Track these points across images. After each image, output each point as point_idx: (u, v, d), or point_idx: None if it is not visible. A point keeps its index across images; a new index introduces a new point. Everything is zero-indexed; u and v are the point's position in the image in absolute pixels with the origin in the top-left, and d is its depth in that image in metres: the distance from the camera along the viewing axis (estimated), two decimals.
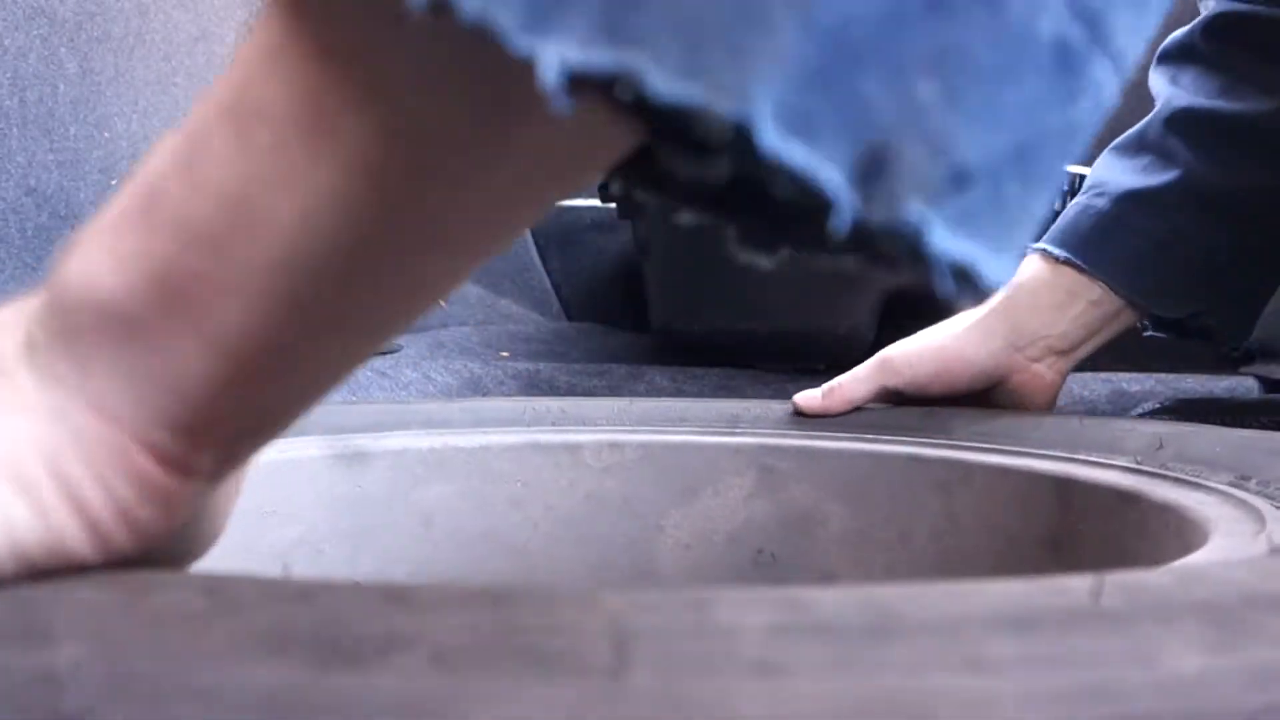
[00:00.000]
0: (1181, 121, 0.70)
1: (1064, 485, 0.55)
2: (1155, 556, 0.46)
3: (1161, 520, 0.47)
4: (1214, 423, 0.75)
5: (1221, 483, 0.47)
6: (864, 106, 0.15)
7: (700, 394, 1.11)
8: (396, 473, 0.66)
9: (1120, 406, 1.00)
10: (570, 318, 1.72)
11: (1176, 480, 0.49)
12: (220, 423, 0.20)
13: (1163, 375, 1.06)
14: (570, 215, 1.73)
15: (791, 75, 0.15)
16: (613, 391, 1.11)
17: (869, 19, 0.15)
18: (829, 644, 0.17)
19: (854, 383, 0.71)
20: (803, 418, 0.71)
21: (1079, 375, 1.04)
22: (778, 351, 1.24)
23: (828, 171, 0.15)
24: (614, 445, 0.71)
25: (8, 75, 0.97)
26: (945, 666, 0.16)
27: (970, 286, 0.16)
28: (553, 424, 0.73)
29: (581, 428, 0.72)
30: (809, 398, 0.72)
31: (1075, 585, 0.19)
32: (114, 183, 1.01)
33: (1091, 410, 1.00)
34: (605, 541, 0.70)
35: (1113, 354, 0.73)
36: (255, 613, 0.18)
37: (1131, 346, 0.77)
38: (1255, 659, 0.17)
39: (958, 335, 0.69)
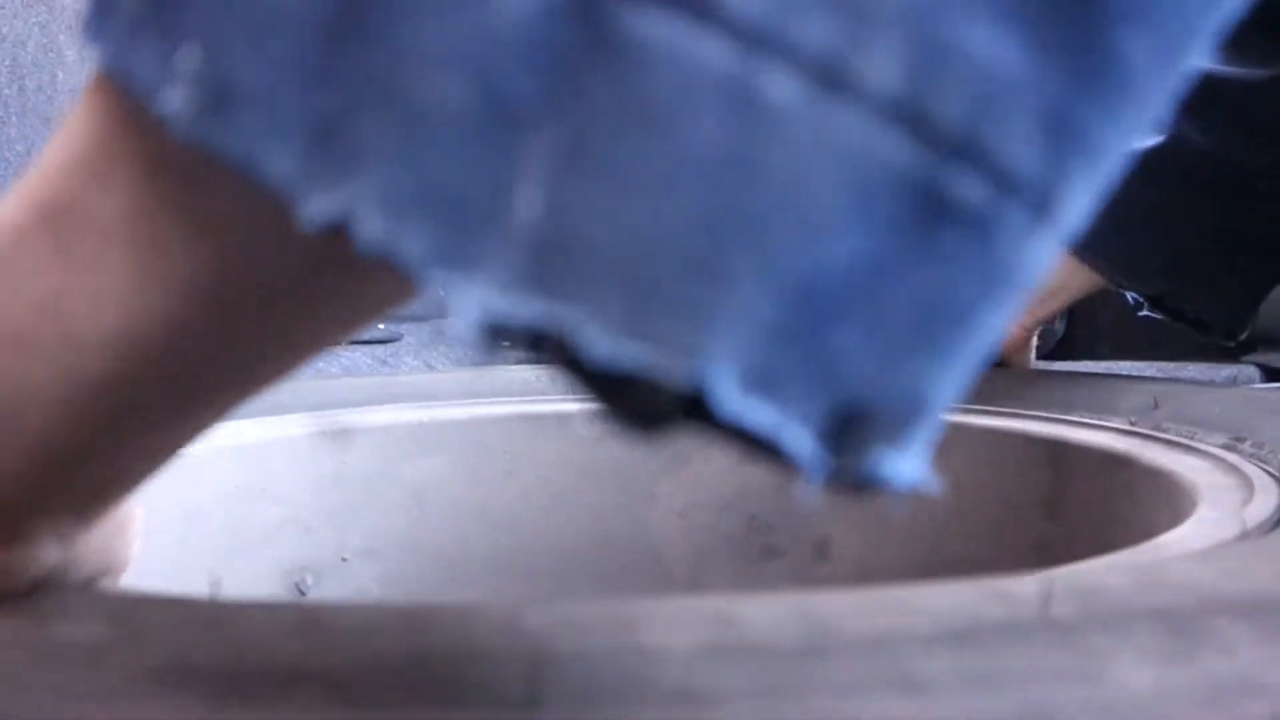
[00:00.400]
0: None
1: (1057, 448, 0.54)
2: (1146, 522, 0.45)
3: (1153, 485, 0.46)
4: None
5: (1215, 444, 0.46)
6: (838, 363, 0.13)
7: None
8: (385, 448, 0.65)
9: None
10: None
11: (1170, 443, 0.48)
12: (31, 504, 0.18)
13: (1163, 364, 1.03)
14: None
15: (754, 331, 0.13)
16: None
17: (844, 269, 0.13)
18: (759, 666, 0.16)
19: None
20: None
21: (1077, 363, 1.03)
22: None
23: (795, 431, 0.13)
24: None
25: (6, 63, 0.96)
26: (879, 688, 0.16)
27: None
28: (542, 394, 0.72)
29: (570, 397, 0.71)
30: None
31: (1025, 591, 0.18)
32: None
33: None
34: (598, 512, 0.69)
35: (1112, 343, 0.71)
36: (157, 643, 0.17)
37: (1132, 335, 0.74)
38: (1213, 671, 0.16)
39: None
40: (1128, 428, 0.52)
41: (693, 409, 0.13)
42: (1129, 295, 0.69)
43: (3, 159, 0.94)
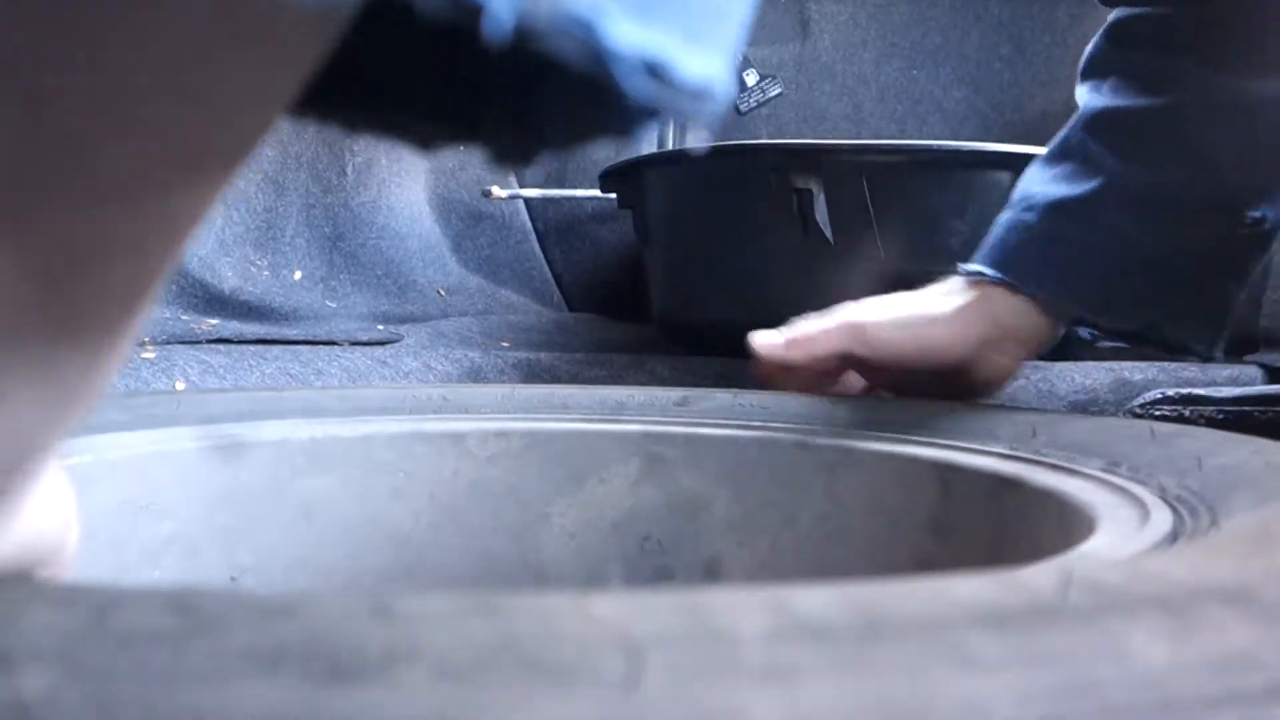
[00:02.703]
0: (1100, 123, 0.68)
1: (945, 470, 0.57)
2: (1036, 541, 0.49)
3: (1043, 507, 0.49)
4: (1214, 412, 0.76)
5: (1094, 469, 0.50)
6: None
7: (701, 384, 1.10)
8: (275, 464, 0.64)
9: (1123, 395, 0.99)
10: (571, 308, 1.68)
11: (1053, 466, 0.52)
12: None
13: (1165, 364, 1.04)
14: (571, 206, 1.70)
15: None
16: (613, 380, 1.08)
17: None
18: (827, 646, 0.17)
19: (822, 337, 0.68)
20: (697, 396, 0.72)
21: (1082, 364, 1.04)
22: None
23: None
24: (499, 434, 0.70)
25: None
26: (940, 666, 0.17)
27: (666, 85, 0.14)
28: (435, 412, 0.71)
29: (464, 415, 0.71)
30: (769, 343, 0.69)
31: (1038, 581, 0.20)
32: None
33: (1093, 399, 1.01)
34: (490, 531, 0.69)
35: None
36: (234, 630, 0.17)
37: None
38: (1212, 648, 0.18)
39: (935, 321, 0.66)
40: (1010, 453, 0.55)
41: None
42: (1086, 332, 0.71)
43: None
